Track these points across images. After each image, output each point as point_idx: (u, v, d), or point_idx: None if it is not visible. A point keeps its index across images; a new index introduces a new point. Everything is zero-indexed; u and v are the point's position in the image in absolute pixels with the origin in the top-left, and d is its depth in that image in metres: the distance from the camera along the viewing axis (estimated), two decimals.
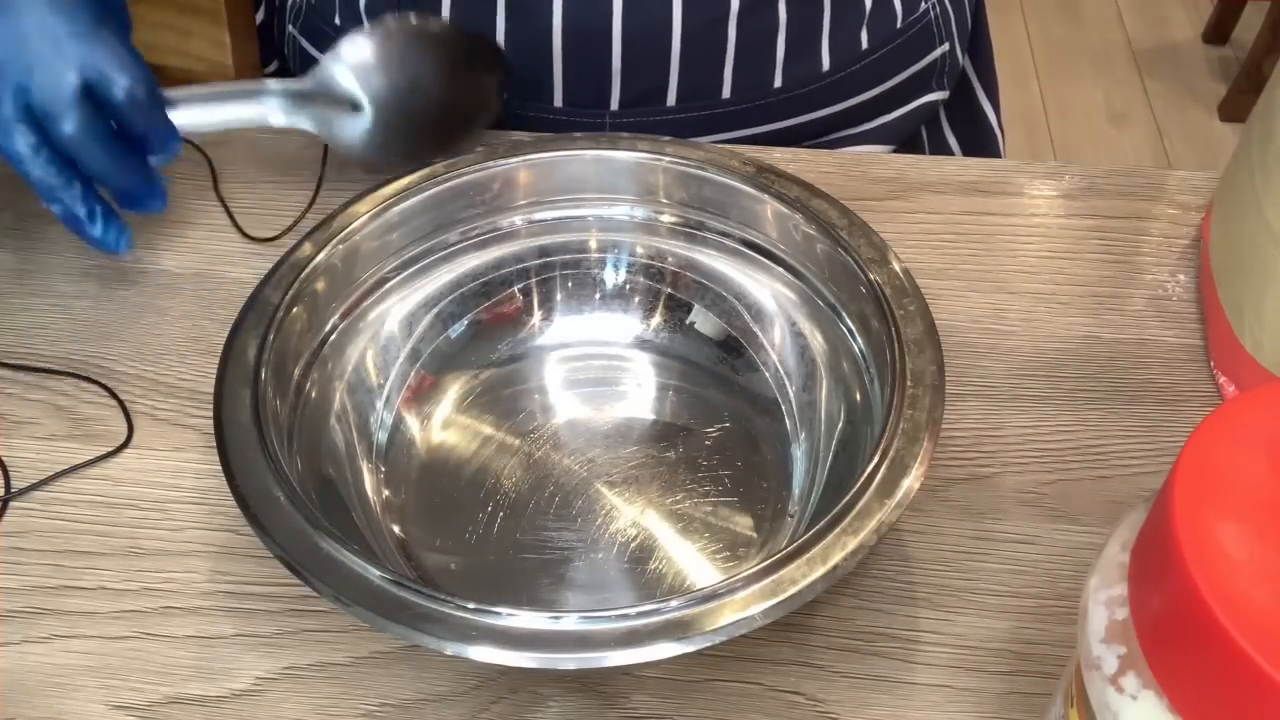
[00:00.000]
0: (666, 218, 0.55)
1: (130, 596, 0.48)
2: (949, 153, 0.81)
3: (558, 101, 0.68)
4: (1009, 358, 0.56)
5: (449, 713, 0.45)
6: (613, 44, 0.66)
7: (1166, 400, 0.54)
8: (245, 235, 0.61)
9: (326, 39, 0.73)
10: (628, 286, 0.56)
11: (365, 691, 0.45)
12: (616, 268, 0.56)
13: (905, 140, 0.76)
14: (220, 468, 0.44)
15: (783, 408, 0.52)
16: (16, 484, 0.51)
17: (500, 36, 0.66)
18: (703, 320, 0.55)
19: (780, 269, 0.53)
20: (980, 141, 0.82)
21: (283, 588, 0.48)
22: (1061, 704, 0.36)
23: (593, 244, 0.56)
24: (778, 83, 0.68)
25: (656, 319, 0.55)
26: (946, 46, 0.74)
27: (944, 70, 0.75)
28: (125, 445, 0.52)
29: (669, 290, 0.55)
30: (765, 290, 0.53)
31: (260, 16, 0.80)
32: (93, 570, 0.48)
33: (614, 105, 0.68)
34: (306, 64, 0.76)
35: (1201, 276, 0.58)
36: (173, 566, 0.48)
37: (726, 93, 0.68)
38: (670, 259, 0.55)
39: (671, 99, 0.68)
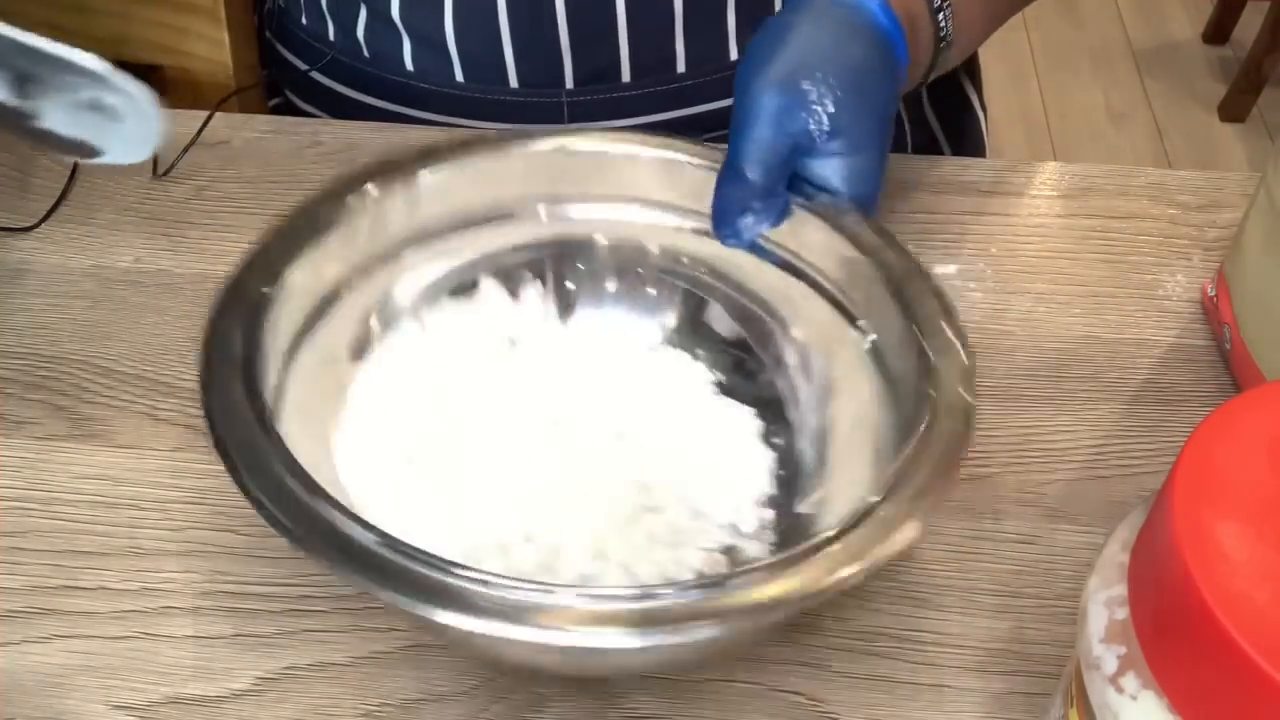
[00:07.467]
0: (682, 216, 0.55)
1: (130, 596, 0.48)
2: (931, 134, 0.81)
3: (513, 82, 0.68)
4: (1009, 358, 0.56)
5: (449, 713, 0.45)
6: (558, 17, 0.66)
7: (1166, 400, 0.54)
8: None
9: (296, 41, 0.74)
10: (641, 284, 0.55)
11: (365, 691, 0.45)
12: (630, 265, 0.55)
13: None
14: (221, 467, 0.44)
15: (790, 408, 0.52)
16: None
17: (448, 15, 0.66)
18: (717, 319, 0.55)
19: (793, 271, 0.52)
20: (961, 123, 0.81)
21: (283, 588, 0.48)
22: (1061, 704, 0.36)
23: (605, 240, 0.55)
24: (733, 54, 0.68)
25: (670, 317, 0.55)
26: None
27: None
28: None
29: (684, 287, 0.55)
30: (778, 291, 0.53)
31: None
32: (93, 570, 0.48)
33: (569, 84, 0.68)
34: (282, 69, 0.76)
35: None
36: (173, 566, 0.48)
37: (681, 67, 0.68)
38: (685, 258, 0.55)
39: (626, 75, 0.68)
